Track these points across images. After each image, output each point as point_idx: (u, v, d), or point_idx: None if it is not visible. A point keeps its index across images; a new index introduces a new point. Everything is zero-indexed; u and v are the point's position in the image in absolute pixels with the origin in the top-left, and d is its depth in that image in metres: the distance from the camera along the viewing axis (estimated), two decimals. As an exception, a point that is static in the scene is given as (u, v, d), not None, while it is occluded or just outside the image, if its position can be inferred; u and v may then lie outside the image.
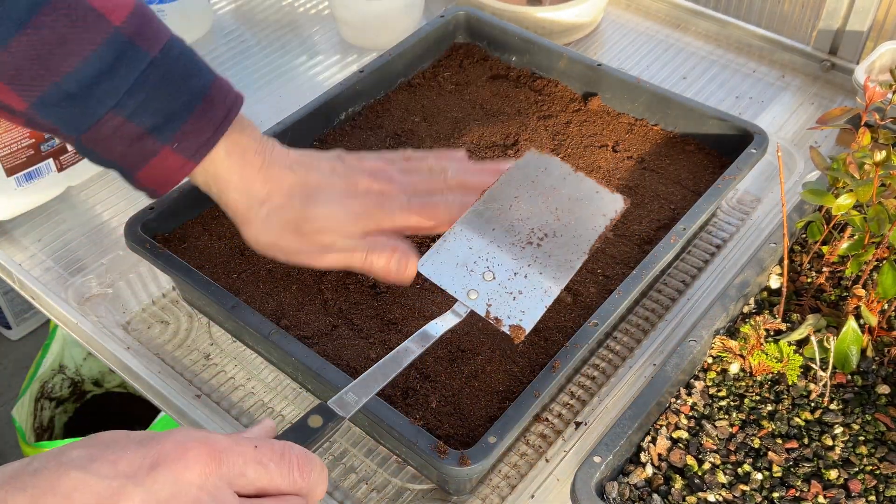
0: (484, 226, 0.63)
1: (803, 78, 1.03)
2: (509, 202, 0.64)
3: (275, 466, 0.41)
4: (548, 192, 0.64)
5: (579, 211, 0.64)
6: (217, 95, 0.64)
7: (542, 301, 0.60)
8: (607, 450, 0.60)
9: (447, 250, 0.62)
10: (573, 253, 0.62)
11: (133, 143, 0.62)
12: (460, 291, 0.60)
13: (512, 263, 0.61)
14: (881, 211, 0.64)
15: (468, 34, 0.98)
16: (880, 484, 0.61)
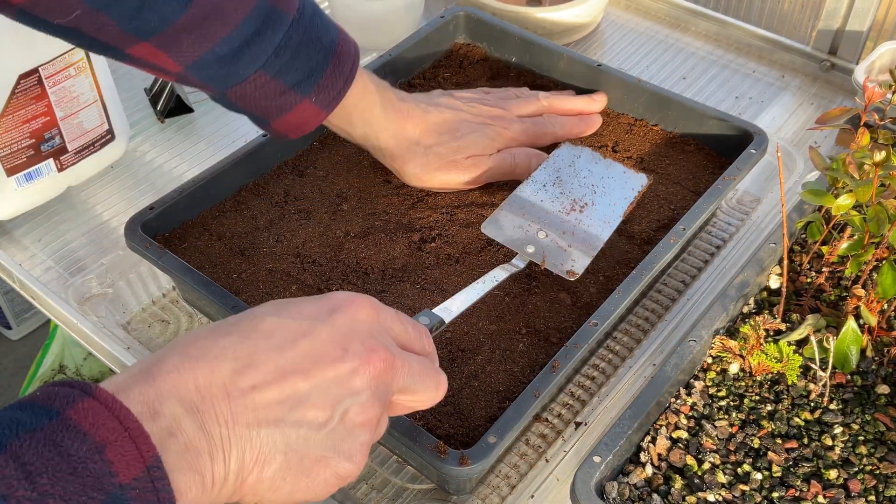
0: (533, 197, 0.76)
1: (803, 78, 1.03)
2: (553, 180, 0.78)
3: (411, 329, 0.51)
4: (584, 172, 0.78)
5: (611, 186, 0.78)
6: (344, 49, 0.71)
7: (589, 252, 0.72)
8: (607, 450, 0.60)
9: (505, 216, 0.75)
10: (610, 217, 0.75)
11: (275, 97, 0.68)
12: (520, 247, 0.72)
13: (560, 226, 0.74)
14: (881, 211, 0.64)
15: (468, 34, 0.98)
16: (880, 484, 0.61)
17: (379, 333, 0.47)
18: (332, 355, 0.45)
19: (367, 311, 0.48)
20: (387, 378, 0.46)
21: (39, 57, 0.80)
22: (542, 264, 0.71)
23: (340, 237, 0.78)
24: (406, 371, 0.48)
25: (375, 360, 0.46)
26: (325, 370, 0.44)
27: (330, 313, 0.46)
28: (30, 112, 0.81)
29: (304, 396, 0.43)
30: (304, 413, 0.43)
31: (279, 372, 0.43)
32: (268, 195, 0.82)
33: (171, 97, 0.98)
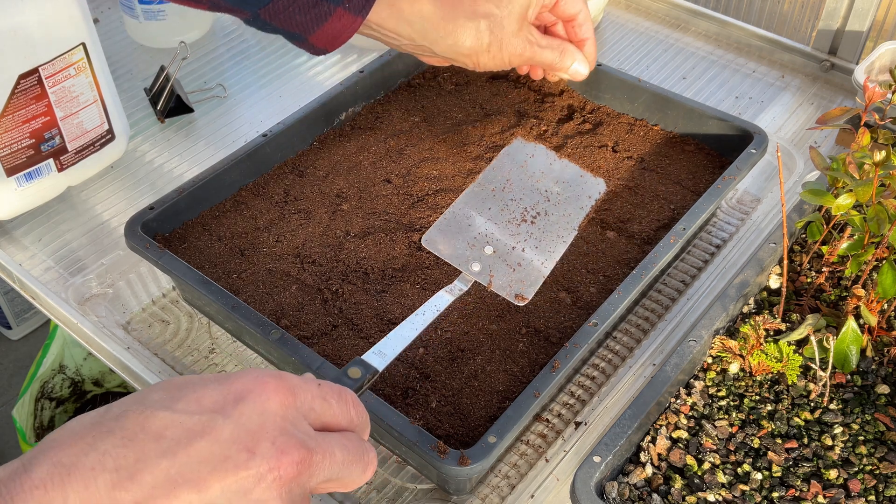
0: (480, 205, 0.68)
1: (803, 78, 1.03)
2: (502, 184, 0.70)
3: (335, 403, 0.43)
4: (537, 175, 0.70)
5: (567, 192, 0.70)
6: None
7: (541, 272, 0.66)
8: (607, 450, 0.60)
9: (447, 227, 0.67)
10: (564, 230, 0.68)
11: (309, 9, 0.68)
12: (463, 264, 0.65)
13: (509, 239, 0.66)
14: (881, 211, 0.64)
15: (468, 34, 0.98)
16: (880, 484, 0.61)
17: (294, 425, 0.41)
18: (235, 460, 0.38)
19: (280, 398, 0.40)
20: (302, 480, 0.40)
21: (39, 57, 0.80)
22: (489, 286, 0.65)
23: (340, 237, 0.78)
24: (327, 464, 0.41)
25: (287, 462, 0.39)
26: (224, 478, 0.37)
27: (235, 403, 0.39)
28: (30, 112, 0.81)
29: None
30: None
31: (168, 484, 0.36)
32: (268, 195, 0.82)
33: (171, 97, 0.98)
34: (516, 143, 0.73)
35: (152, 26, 1.07)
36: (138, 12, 1.06)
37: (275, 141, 0.83)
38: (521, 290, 0.65)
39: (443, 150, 0.87)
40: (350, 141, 0.88)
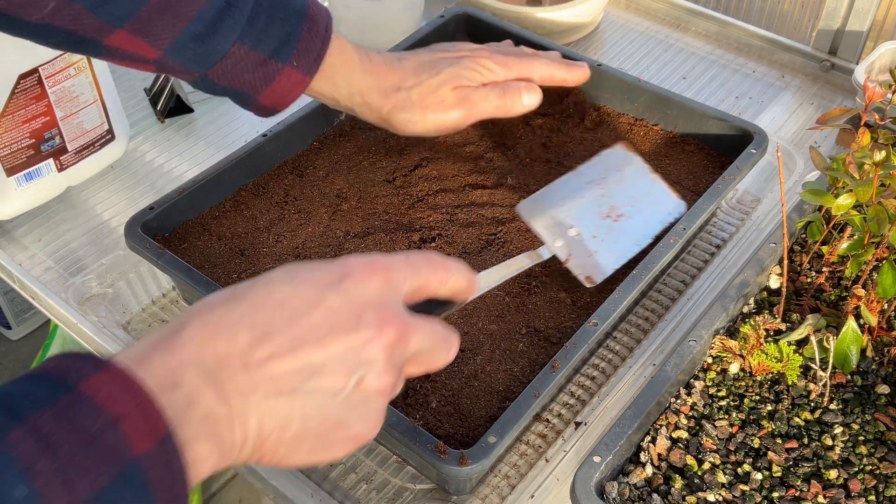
0: (575, 192, 0.73)
1: (803, 78, 1.03)
2: (598, 180, 0.74)
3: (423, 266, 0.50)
4: (629, 181, 0.75)
5: (650, 204, 0.74)
6: (315, 11, 0.71)
7: (612, 265, 0.70)
8: (607, 450, 0.60)
9: (543, 201, 0.73)
10: (641, 236, 0.72)
11: (256, 68, 0.69)
12: (549, 237, 0.70)
13: (593, 228, 0.71)
14: (881, 211, 0.64)
15: (468, 34, 0.98)
16: (880, 484, 0.61)
17: (391, 300, 0.47)
18: (345, 325, 0.45)
19: (379, 278, 0.47)
20: (400, 347, 0.47)
21: (39, 57, 0.80)
22: (565, 263, 0.70)
23: (340, 237, 0.78)
24: (419, 338, 0.48)
25: (388, 330, 0.46)
26: (338, 340, 0.44)
27: (341, 281, 0.46)
28: (30, 112, 0.82)
29: (319, 366, 0.44)
30: (320, 382, 0.44)
31: (294, 342, 0.43)
32: (268, 195, 0.82)
33: (171, 97, 0.98)
34: (618, 148, 0.77)
35: (152, 26, 1.07)
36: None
37: (275, 141, 0.83)
38: (592, 274, 0.70)
39: (443, 150, 0.87)
40: (350, 141, 0.88)
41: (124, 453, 0.36)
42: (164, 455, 0.37)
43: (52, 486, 0.34)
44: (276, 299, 0.45)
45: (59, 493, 0.34)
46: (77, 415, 0.36)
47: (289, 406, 0.43)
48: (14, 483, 0.34)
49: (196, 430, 0.40)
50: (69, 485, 0.35)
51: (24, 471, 0.34)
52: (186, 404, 0.40)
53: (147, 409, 0.38)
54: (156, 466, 0.37)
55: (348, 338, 0.44)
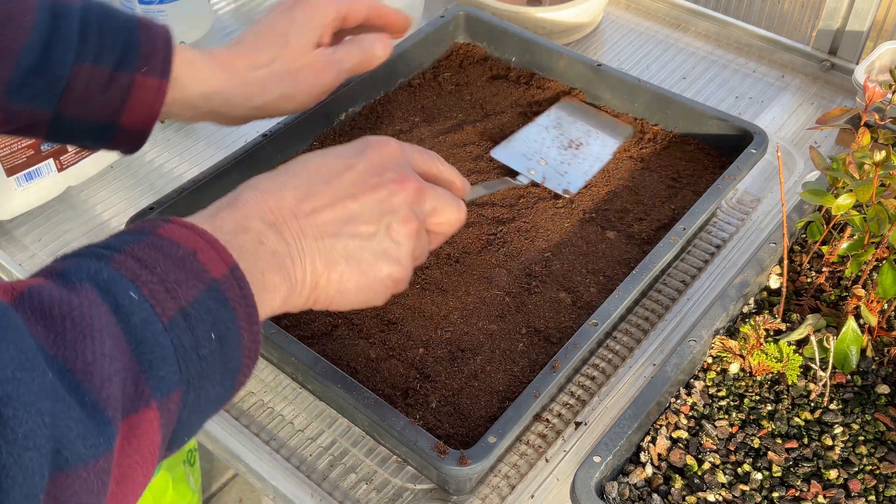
0: (537, 135, 0.87)
1: (803, 78, 1.03)
2: (554, 124, 0.89)
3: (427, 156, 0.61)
4: (580, 120, 0.89)
5: (602, 132, 0.88)
6: (144, 19, 0.67)
7: (583, 178, 0.84)
8: (607, 450, 0.60)
9: (512, 145, 0.86)
10: (601, 155, 0.86)
11: (107, 86, 0.64)
12: (523, 169, 0.83)
13: (559, 157, 0.85)
14: (881, 211, 0.64)
15: (468, 34, 0.98)
16: (880, 484, 0.61)
17: (405, 165, 0.58)
18: (371, 183, 0.55)
19: (393, 148, 0.58)
20: (418, 200, 0.57)
21: (39, 57, 0.80)
22: (542, 183, 0.82)
23: (340, 237, 0.78)
24: (432, 195, 0.58)
25: (408, 184, 0.56)
26: (368, 194, 0.55)
27: (363, 151, 0.57)
28: (30, 112, 0.81)
29: (355, 215, 0.54)
30: (357, 227, 0.54)
31: (332, 198, 0.54)
32: (268, 195, 0.82)
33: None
34: (564, 102, 0.91)
35: (152, 26, 1.07)
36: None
37: (275, 141, 0.83)
38: (567, 187, 0.82)
39: (443, 151, 0.87)
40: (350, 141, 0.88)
41: (206, 275, 0.44)
42: (235, 280, 0.45)
43: (156, 293, 0.42)
44: (311, 169, 0.55)
45: (164, 299, 0.42)
46: (161, 247, 0.44)
47: (333, 246, 0.53)
48: (126, 290, 0.41)
49: (268, 262, 0.49)
50: (171, 292, 0.42)
51: (133, 280, 0.41)
52: (258, 243, 0.49)
53: (215, 245, 0.45)
54: (231, 287, 0.45)
55: (376, 192, 0.55)
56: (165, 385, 0.41)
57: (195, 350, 0.42)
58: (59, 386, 0.36)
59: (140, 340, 0.40)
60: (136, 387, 0.39)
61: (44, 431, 0.34)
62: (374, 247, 0.55)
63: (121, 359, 0.39)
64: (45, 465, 0.34)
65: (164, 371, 0.41)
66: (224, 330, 0.44)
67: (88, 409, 0.37)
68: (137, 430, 0.39)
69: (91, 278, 0.41)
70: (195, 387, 0.43)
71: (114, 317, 0.40)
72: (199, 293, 0.43)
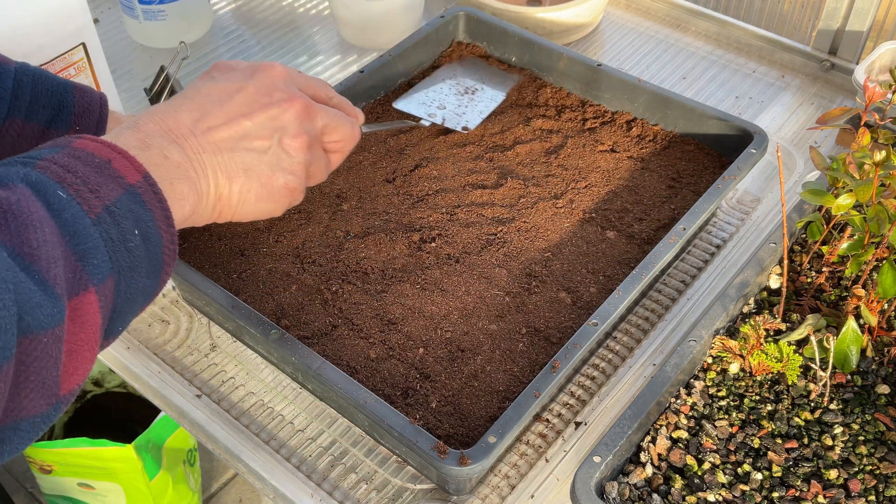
0: (435, 84, 0.94)
1: (803, 78, 1.03)
2: (449, 76, 0.95)
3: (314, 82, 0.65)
4: (473, 72, 0.96)
5: (493, 79, 0.95)
6: (80, 84, 0.70)
7: (478, 118, 0.90)
8: (607, 450, 0.60)
9: (413, 97, 0.92)
10: (495, 97, 0.93)
11: (38, 142, 0.66)
12: (424, 115, 0.90)
13: (456, 102, 0.92)
14: (881, 211, 0.64)
15: (468, 34, 0.98)
16: (880, 484, 0.61)
17: (293, 86, 0.62)
18: (262, 102, 0.59)
19: (280, 70, 0.62)
20: (308, 114, 0.61)
21: (39, 57, 0.80)
22: (442, 123, 0.88)
23: (340, 237, 0.78)
24: (322, 113, 0.62)
25: (295, 102, 0.60)
26: (259, 112, 0.59)
27: (252, 75, 0.60)
28: (30, 112, 0.81)
29: (248, 131, 0.58)
30: (251, 142, 0.58)
31: (226, 117, 0.57)
32: (268, 195, 0.82)
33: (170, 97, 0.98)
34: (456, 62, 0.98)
35: (152, 26, 1.07)
36: (138, 12, 1.06)
37: (275, 141, 0.83)
38: (465, 124, 0.89)
39: (443, 150, 0.87)
40: (350, 141, 0.88)
41: (123, 180, 0.47)
42: (149, 186, 0.49)
43: (81, 192, 0.45)
44: (204, 93, 0.58)
45: (89, 198, 0.45)
46: (79, 157, 0.47)
47: (231, 160, 0.57)
48: (54, 189, 0.44)
49: (174, 174, 0.53)
50: (95, 193, 0.45)
51: (59, 182, 0.44)
52: (161, 157, 0.52)
53: (126, 156, 0.48)
54: (146, 192, 0.48)
55: (266, 110, 0.59)
56: (100, 272, 0.44)
57: (123, 243, 0.46)
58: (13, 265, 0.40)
59: (73, 233, 0.43)
60: (75, 273, 0.43)
61: (10, 297, 0.38)
62: (269, 159, 0.59)
63: (59, 246, 0.42)
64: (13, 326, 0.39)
65: (98, 259, 0.44)
66: (145, 228, 0.47)
67: (40, 286, 0.41)
68: (80, 311, 0.43)
69: (22, 179, 0.44)
70: (126, 277, 0.46)
71: (47, 212, 0.43)
72: (119, 195, 0.46)
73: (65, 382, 0.43)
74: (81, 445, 1.30)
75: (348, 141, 0.65)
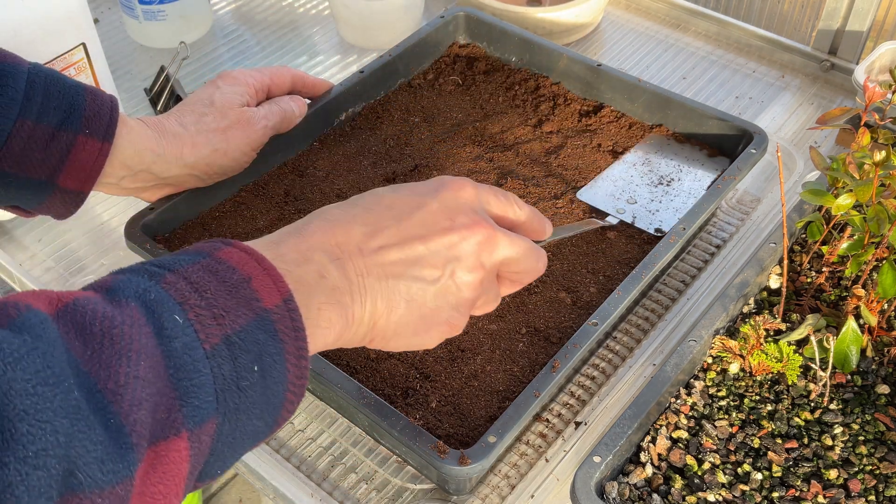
0: (624, 174, 0.84)
1: (803, 78, 1.03)
2: (642, 161, 0.86)
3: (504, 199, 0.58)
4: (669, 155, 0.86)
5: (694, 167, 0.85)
6: (91, 87, 0.68)
7: (675, 215, 0.80)
8: (607, 450, 0.60)
9: (599, 186, 0.83)
10: (695, 189, 0.83)
11: (48, 143, 0.65)
12: (611, 210, 0.81)
13: (648, 195, 0.82)
14: (881, 211, 0.64)
15: (468, 34, 0.98)
16: (880, 484, 0.61)
17: (480, 209, 0.56)
18: (442, 225, 0.53)
19: (468, 190, 0.56)
20: (489, 246, 0.55)
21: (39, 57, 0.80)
22: (633, 222, 0.80)
23: (340, 237, 0.78)
24: (506, 243, 0.55)
25: (478, 230, 0.54)
26: (437, 237, 0.53)
27: (437, 191, 0.55)
28: (30, 112, 0.81)
29: (421, 257, 0.52)
30: (421, 270, 0.52)
31: (400, 237, 0.52)
32: (268, 195, 0.82)
33: (171, 97, 0.98)
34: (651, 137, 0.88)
35: (152, 27, 1.08)
36: (138, 13, 1.06)
37: (275, 141, 0.83)
38: (659, 226, 0.79)
39: (443, 150, 0.87)
40: (350, 141, 0.88)
41: (257, 304, 0.43)
42: (288, 312, 0.44)
43: (203, 318, 0.41)
44: (384, 204, 0.54)
45: (210, 325, 0.41)
46: (216, 271, 0.43)
47: (396, 288, 0.51)
48: (171, 312, 0.40)
49: (326, 297, 0.48)
50: (219, 319, 0.41)
51: (181, 304, 0.41)
52: (318, 276, 0.48)
53: (272, 273, 0.44)
54: (282, 319, 0.44)
55: (445, 236, 0.53)
56: (200, 414, 0.39)
57: (235, 381, 0.41)
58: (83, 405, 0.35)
59: (179, 366, 0.39)
60: (169, 414, 0.38)
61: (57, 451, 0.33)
62: (435, 292, 0.53)
63: (156, 383, 0.38)
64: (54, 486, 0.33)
65: (200, 400, 0.39)
66: (269, 363, 0.43)
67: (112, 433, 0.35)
68: (164, 458, 0.38)
69: (139, 297, 0.40)
70: (231, 419, 0.41)
71: (155, 339, 0.39)
72: (247, 322, 0.42)
73: None
74: (81, 445, 1.30)
75: (531, 273, 0.58)
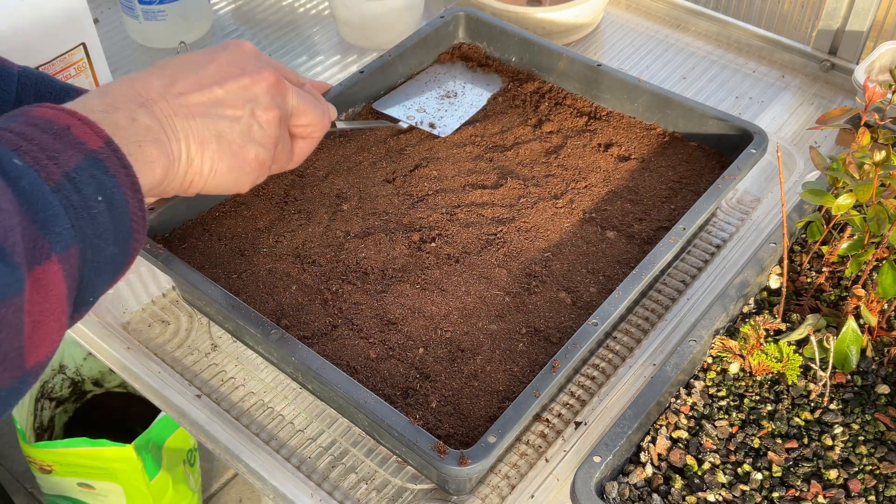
0: (416, 89, 0.94)
1: (803, 78, 1.03)
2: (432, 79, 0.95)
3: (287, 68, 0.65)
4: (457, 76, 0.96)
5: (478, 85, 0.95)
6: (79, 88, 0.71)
7: (457, 122, 0.90)
8: (607, 450, 0.60)
9: (393, 99, 0.92)
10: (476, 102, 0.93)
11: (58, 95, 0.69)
12: (402, 117, 0.90)
13: (436, 106, 0.92)
14: (881, 211, 0.64)
15: (468, 34, 0.98)
16: (880, 484, 0.61)
17: (264, 61, 0.63)
18: (234, 72, 0.60)
19: (250, 46, 0.63)
20: (280, 89, 0.62)
21: (39, 57, 0.80)
22: (419, 125, 0.89)
23: (340, 237, 0.78)
24: (294, 94, 0.63)
25: (266, 75, 0.61)
26: (231, 81, 0.60)
27: (224, 48, 0.62)
28: (30, 112, 0.81)
29: (220, 99, 0.58)
30: (224, 110, 0.59)
31: (198, 84, 0.58)
32: (268, 195, 0.82)
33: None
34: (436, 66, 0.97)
35: (152, 27, 1.08)
36: (138, 13, 1.06)
37: (275, 141, 0.83)
38: (442, 129, 0.88)
39: (443, 150, 0.87)
40: (350, 141, 0.88)
41: (83, 147, 0.46)
42: (112, 152, 0.48)
43: (39, 160, 0.44)
44: (177, 62, 0.59)
45: (47, 165, 0.44)
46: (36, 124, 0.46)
47: (204, 126, 0.57)
48: (9, 158, 0.43)
49: (143, 136, 0.52)
50: (53, 160, 0.44)
51: (15, 150, 0.44)
52: (130, 120, 0.52)
53: (87, 122, 0.48)
54: (109, 158, 0.47)
55: (238, 80, 0.60)
56: (62, 240, 0.43)
57: (86, 209, 0.45)
58: None
59: (31, 201, 0.42)
60: (35, 242, 0.42)
61: None
62: (241, 129, 0.59)
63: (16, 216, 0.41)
64: None
65: (59, 227, 0.43)
66: (109, 194, 0.46)
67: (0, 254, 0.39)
68: (43, 281, 0.42)
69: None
70: (91, 245, 0.45)
71: (3, 181, 0.42)
72: (79, 162, 0.46)
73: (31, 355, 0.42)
74: (81, 445, 1.30)
75: (318, 127, 0.65)
